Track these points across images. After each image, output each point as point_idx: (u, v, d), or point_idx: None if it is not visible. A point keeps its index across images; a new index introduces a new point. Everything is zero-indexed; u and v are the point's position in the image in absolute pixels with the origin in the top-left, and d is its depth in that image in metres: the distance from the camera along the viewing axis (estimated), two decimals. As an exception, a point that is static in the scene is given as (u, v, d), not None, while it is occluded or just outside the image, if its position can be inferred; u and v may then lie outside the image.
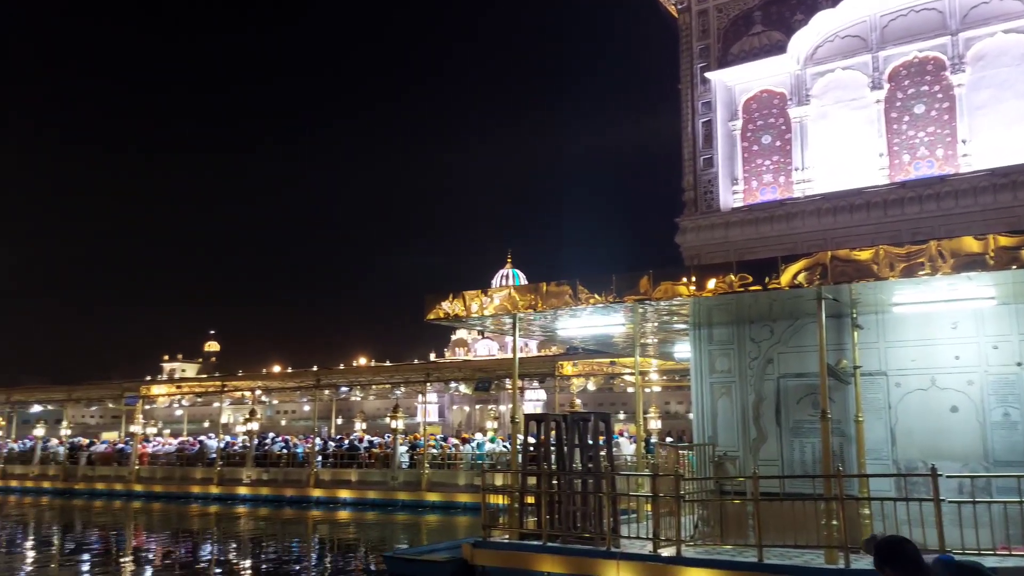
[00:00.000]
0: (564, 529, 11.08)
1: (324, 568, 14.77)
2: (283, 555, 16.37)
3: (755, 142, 13.40)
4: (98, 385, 37.05)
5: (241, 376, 38.12)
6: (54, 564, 15.50)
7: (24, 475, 32.61)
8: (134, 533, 20.33)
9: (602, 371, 25.74)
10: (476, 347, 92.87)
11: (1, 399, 37.36)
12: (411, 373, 30.60)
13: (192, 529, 20.86)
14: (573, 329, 13.79)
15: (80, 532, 20.70)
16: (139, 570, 14.76)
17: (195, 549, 17.27)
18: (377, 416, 65.01)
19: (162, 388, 34.64)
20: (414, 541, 18.05)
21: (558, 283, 11.29)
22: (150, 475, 29.42)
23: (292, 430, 55.10)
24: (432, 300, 12.66)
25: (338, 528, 20.50)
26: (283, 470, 27.12)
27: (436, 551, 12.85)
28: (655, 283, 10.41)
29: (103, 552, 17.16)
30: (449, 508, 22.21)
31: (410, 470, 24.91)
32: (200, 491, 27.02)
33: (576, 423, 11.65)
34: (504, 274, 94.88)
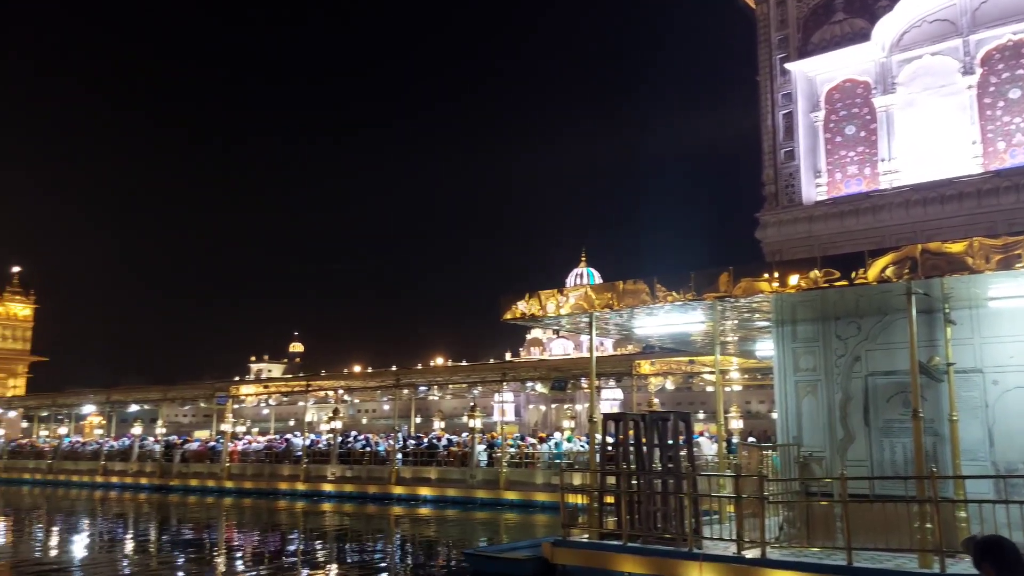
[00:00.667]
0: (644, 529, 11.01)
1: (407, 564, 15.05)
2: (368, 551, 16.76)
3: (838, 133, 13.01)
4: (191, 385, 38.65)
5: (324, 376, 39.20)
6: (153, 558, 16.27)
7: (123, 472, 34.28)
8: (226, 528, 21.15)
9: (680, 370, 25.41)
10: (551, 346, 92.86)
11: (101, 399, 39.39)
12: (487, 373, 30.89)
13: (281, 524, 21.56)
14: (650, 327, 13.67)
15: (176, 527, 21.66)
16: (232, 564, 15.35)
17: (284, 544, 17.85)
18: (454, 415, 65.81)
19: (250, 388, 35.89)
20: (493, 539, 18.20)
21: (635, 281, 11.22)
22: (240, 472, 30.52)
23: (373, 428, 56.27)
24: (508, 300, 12.76)
25: (419, 525, 20.85)
26: (366, 467, 27.73)
27: (517, 549, 12.94)
28: (735, 280, 10.23)
29: (198, 546, 17.92)
30: (527, 507, 22.32)
31: (488, 468, 25.12)
32: (288, 487, 27.88)
33: (655, 422, 11.55)
34: (578, 272, 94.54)
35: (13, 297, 58.78)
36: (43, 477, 36.72)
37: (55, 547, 18.04)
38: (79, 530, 21.07)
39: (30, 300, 59.59)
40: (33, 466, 38.58)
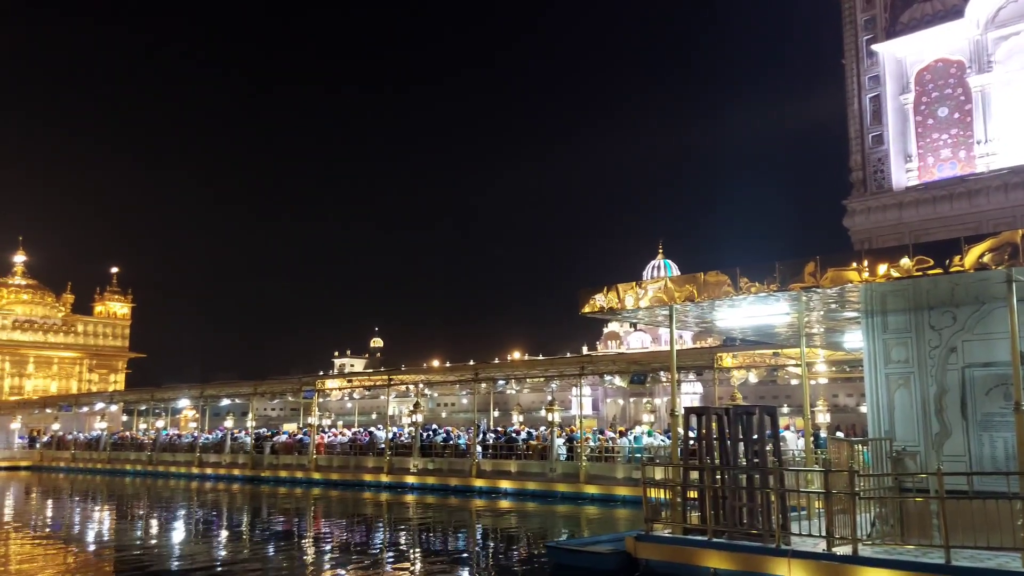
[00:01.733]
0: (730, 525, 10.86)
1: (489, 556, 15.24)
2: (451, 542, 17.04)
3: (930, 115, 12.49)
4: (279, 380, 39.95)
5: (405, 371, 39.94)
6: (246, 545, 16.95)
7: (217, 463, 35.77)
8: (315, 518, 21.83)
9: (764, 363, 24.85)
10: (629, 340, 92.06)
11: (195, 394, 41.17)
12: (565, 367, 30.90)
13: (367, 515, 22.12)
14: (732, 320, 13.44)
15: (268, 517, 22.48)
16: (320, 553, 15.85)
17: (370, 534, 18.32)
18: (532, 408, 66.07)
19: (334, 382, 36.90)
20: (574, 532, 18.24)
21: (716, 272, 11.05)
22: (327, 464, 31.45)
23: (452, 422, 57.06)
24: (586, 294, 12.74)
25: (500, 517, 21.06)
26: (447, 460, 28.18)
27: (599, 543, 12.95)
28: (822, 269, 9.96)
29: (289, 536, 18.56)
30: (608, 501, 22.26)
31: (568, 462, 25.17)
32: (372, 479, 28.58)
33: (739, 416, 11.37)
34: (656, 265, 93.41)
35: (112, 297, 61.95)
36: (143, 468, 38.65)
37: (156, 535, 18.99)
38: (178, 519, 22.11)
39: (128, 299, 62.70)
40: (134, 457, 40.66)
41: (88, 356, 59.63)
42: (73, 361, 59.13)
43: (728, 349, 25.30)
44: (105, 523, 21.41)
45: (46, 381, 57.50)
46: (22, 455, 47.50)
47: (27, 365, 56.86)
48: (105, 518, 22.56)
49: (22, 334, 56.66)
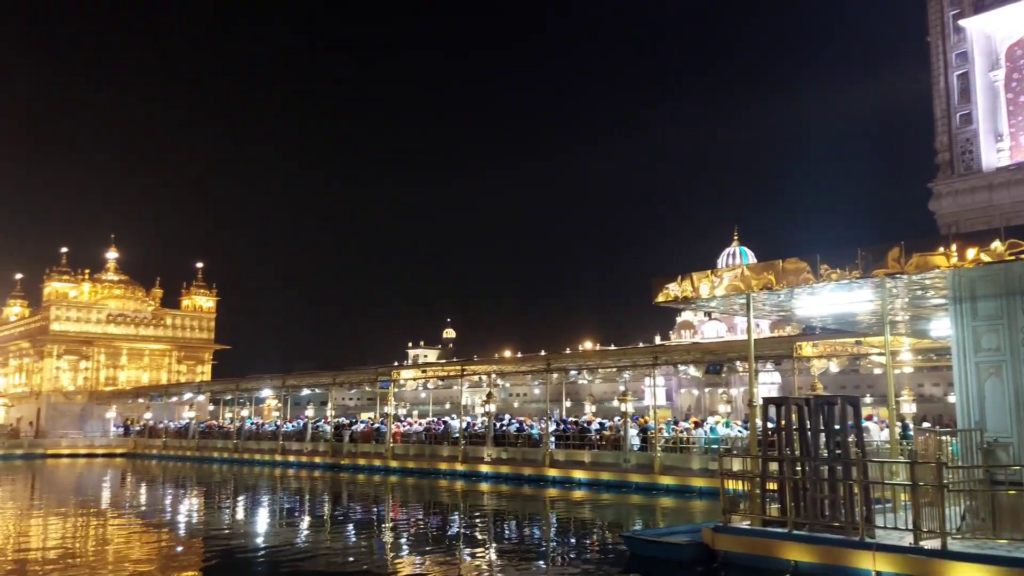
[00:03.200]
0: (811, 517, 10.64)
1: (564, 545, 15.32)
2: (525, 530, 17.19)
3: (1022, 92, 11.89)
4: (356, 371, 40.90)
5: (477, 361, 40.36)
6: (328, 532, 17.47)
7: (299, 451, 36.89)
8: (392, 505, 22.33)
9: (846, 351, 24.13)
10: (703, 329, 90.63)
11: (277, 384, 42.50)
12: (638, 356, 30.66)
13: (442, 503, 22.49)
14: (812, 308, 13.12)
15: (347, 503, 23.10)
16: (398, 539, 16.22)
17: (446, 522, 18.64)
18: (605, 399, 65.76)
19: (409, 373, 37.56)
20: (650, 523, 18.15)
21: (795, 259, 10.80)
22: (403, 452, 32.07)
23: (525, 412, 57.32)
24: (659, 283, 12.63)
25: (575, 507, 21.11)
26: (520, 450, 28.38)
27: (675, 534, 12.86)
28: (907, 255, 9.63)
29: (368, 522, 19.05)
30: (683, 492, 22.05)
31: (642, 453, 25.02)
32: (447, 468, 29.02)
33: (820, 407, 11.10)
34: (731, 252, 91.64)
35: (198, 291, 64.40)
36: (229, 455, 40.16)
37: (243, 520, 19.75)
38: (263, 505, 22.93)
39: (213, 293, 65.08)
40: (221, 445, 42.30)
41: (176, 348, 62.22)
42: (163, 353, 61.79)
43: (808, 338, 24.67)
44: (195, 508, 22.38)
45: (138, 372, 60.28)
46: (117, 442, 50.01)
47: (120, 357, 59.71)
48: (195, 504, 23.57)
49: (116, 328, 59.51)
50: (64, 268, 59.53)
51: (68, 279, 59.23)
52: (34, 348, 58.57)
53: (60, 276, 58.97)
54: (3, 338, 65.18)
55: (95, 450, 48.64)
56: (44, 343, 56.93)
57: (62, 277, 59.02)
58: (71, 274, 59.62)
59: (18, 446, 48.74)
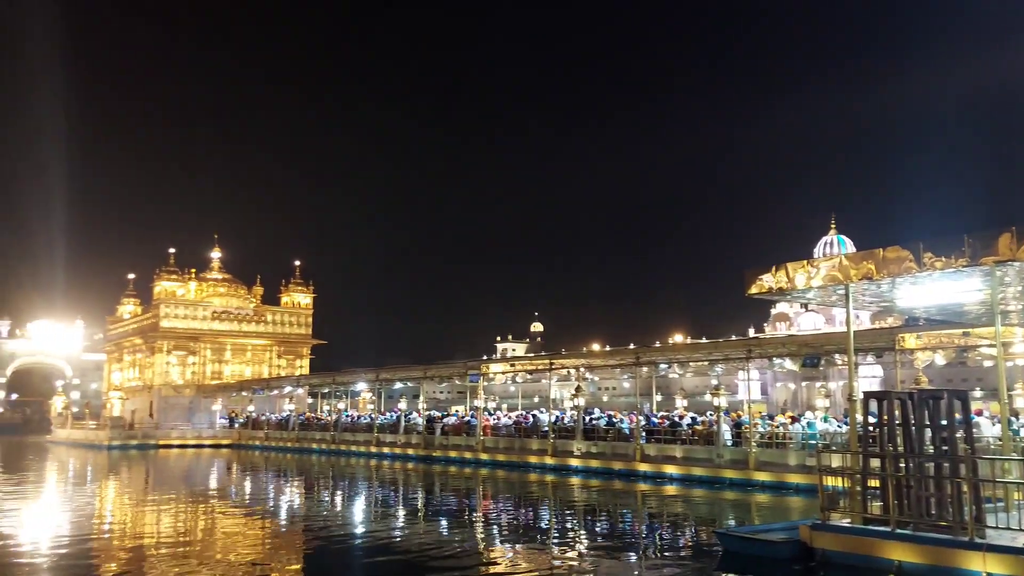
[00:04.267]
0: (916, 516, 10.21)
1: (656, 540, 15.19)
2: (616, 525, 17.13)
3: None
4: (446, 364, 41.53)
5: (565, 355, 40.32)
6: (422, 522, 17.86)
7: (393, 443, 37.81)
8: (484, 497, 22.62)
9: (952, 343, 22.95)
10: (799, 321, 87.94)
11: (371, 377, 43.62)
12: (730, 350, 29.99)
13: (533, 496, 22.64)
14: (915, 298, 12.55)
15: (440, 495, 23.54)
16: (489, 531, 16.43)
17: (536, 515, 18.76)
18: (696, 393, 64.69)
19: (498, 367, 37.90)
20: (744, 520, 17.81)
21: (897, 247, 10.36)
22: (493, 445, 32.42)
23: (614, 406, 56.97)
24: (752, 274, 12.33)
25: (666, 502, 20.88)
26: (610, 444, 28.24)
27: (771, 531, 12.57)
28: (1019, 240, 9.10)
29: (461, 513, 19.37)
30: (779, 488, 21.50)
31: (735, 448, 24.51)
32: (536, 461, 29.17)
33: (925, 401, 10.63)
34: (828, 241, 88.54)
35: (296, 288, 66.71)
36: (327, 447, 41.52)
37: (341, 510, 20.41)
38: (360, 495, 23.64)
39: (309, 290, 67.29)
40: (319, 437, 43.77)
41: (276, 343, 64.68)
42: (264, 348, 64.34)
43: (911, 329, 23.59)
44: (295, 498, 23.27)
45: (241, 366, 62.97)
46: (223, 434, 52.45)
47: (225, 352, 62.51)
48: (295, 494, 24.50)
49: (220, 324, 62.35)
50: (172, 268, 62.73)
51: (176, 278, 62.39)
52: (146, 344, 61.98)
53: (168, 275, 62.16)
54: (118, 335, 69.26)
55: (203, 441, 51.19)
56: (155, 339, 60.17)
57: (170, 276, 62.21)
58: (179, 273, 62.77)
59: (133, 437, 51.79)
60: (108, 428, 52.32)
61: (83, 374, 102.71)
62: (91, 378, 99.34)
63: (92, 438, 53.14)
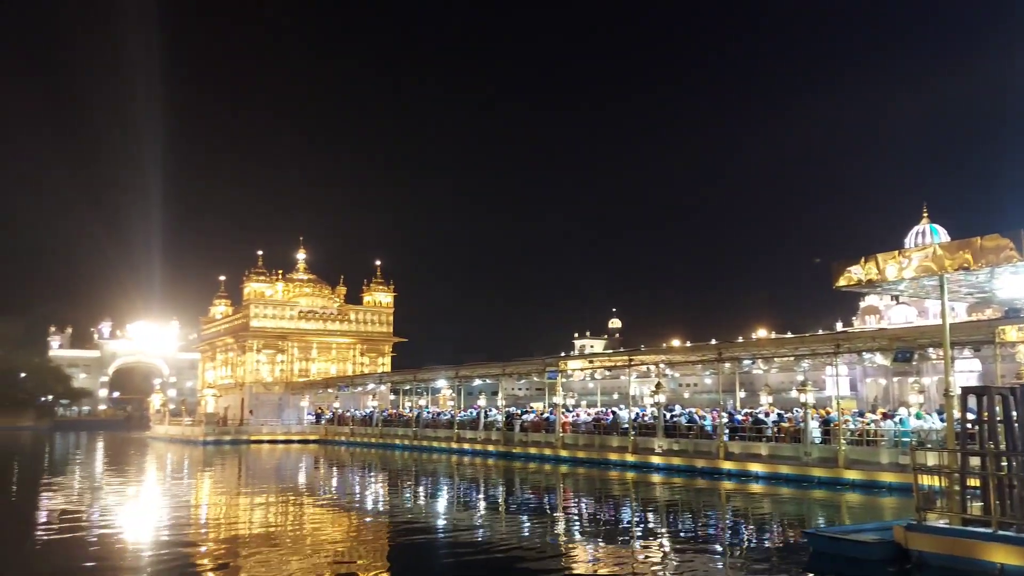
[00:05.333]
0: (1019, 516, 9.71)
1: (741, 539, 14.89)
2: (700, 523, 16.87)
3: None
4: (524, 361, 41.76)
5: (645, 351, 39.88)
6: (502, 518, 17.99)
7: (473, 439, 38.20)
8: (564, 494, 22.62)
9: (1058, 336, 21.65)
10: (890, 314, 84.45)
11: (451, 374, 44.19)
12: (817, 344, 29.12)
13: (614, 494, 22.51)
14: (1016, 288, 11.92)
15: (520, 491, 23.66)
16: (571, 527, 16.42)
17: (618, 512, 18.65)
18: (782, 389, 62.88)
19: (576, 363, 37.87)
20: (834, 519, 17.29)
21: (995, 236, 9.86)
22: (573, 442, 32.38)
23: (695, 403, 56.08)
24: (840, 266, 11.95)
25: (752, 501, 20.44)
26: (692, 441, 27.82)
27: (863, 531, 12.17)
28: None
29: (542, 509, 19.43)
30: (870, 487, 20.78)
31: (824, 446, 23.80)
32: (617, 458, 28.98)
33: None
34: (919, 231, 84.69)
35: (377, 287, 68.23)
36: (409, 443, 42.28)
37: (424, 505, 20.75)
38: (442, 490, 23.98)
39: (390, 289, 68.72)
40: (401, 433, 44.61)
41: (359, 341, 66.28)
42: (348, 346, 66.02)
43: (1012, 321, 22.36)
44: (380, 492, 23.79)
45: (327, 364, 64.79)
46: (310, 430, 54.09)
47: (311, 350, 64.45)
48: (380, 488, 25.06)
49: (306, 323, 64.32)
50: (261, 269, 65.02)
51: (264, 279, 64.63)
52: (237, 343, 64.41)
53: (257, 277, 64.45)
54: (211, 334, 72.21)
55: (291, 437, 52.90)
56: (246, 338, 62.46)
57: (259, 278, 64.49)
58: (267, 275, 65.01)
59: (226, 432, 53.97)
60: (203, 424, 54.67)
61: (179, 372, 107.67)
62: (186, 376, 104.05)
63: (188, 434, 55.60)
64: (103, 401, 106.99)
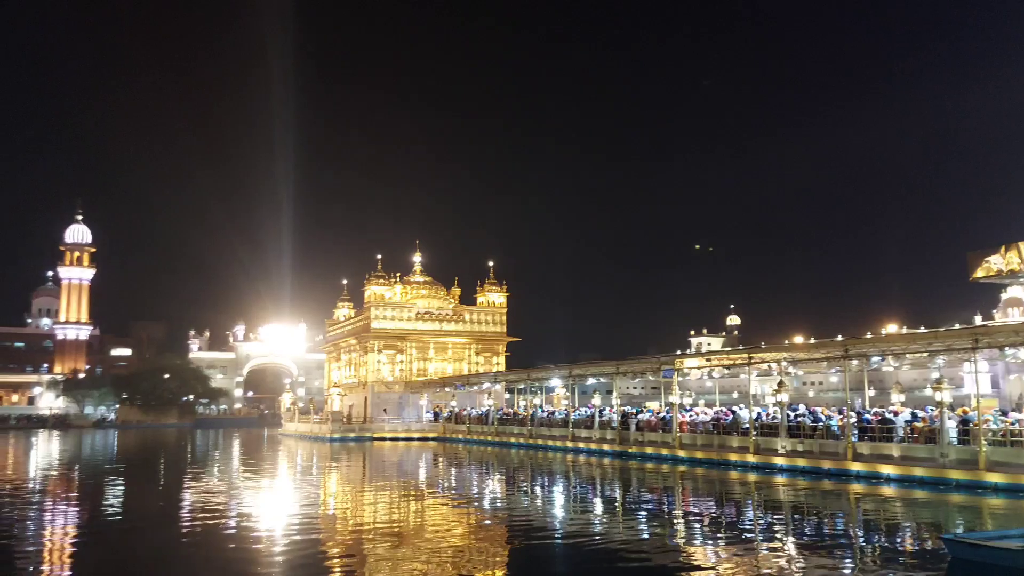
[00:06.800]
0: None
1: (873, 544, 14.25)
2: (827, 527, 16.26)
3: None
4: (639, 360, 41.30)
5: (765, 348, 38.63)
6: (620, 518, 17.93)
7: (588, 438, 38.16)
8: (683, 495, 22.28)
9: None
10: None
11: (564, 373, 44.31)
12: (953, 339, 27.37)
13: (735, 495, 21.99)
14: None
15: (639, 491, 23.47)
16: (692, 529, 16.18)
17: (740, 514, 18.22)
18: (914, 387, 59.61)
19: (693, 361, 37.11)
20: (974, 525, 16.27)
21: None
22: (691, 442, 31.82)
23: (820, 401, 53.88)
24: (977, 256, 11.31)
25: (883, 504, 19.50)
26: (817, 442, 26.79)
27: (1007, 537, 11.44)
28: None
29: (661, 511, 19.24)
30: (1015, 491, 19.47)
31: (962, 447, 22.43)
32: (737, 459, 28.26)
33: None
34: (1069, 216, 78.01)
35: (491, 288, 69.33)
36: (524, 441, 42.69)
37: (541, 503, 20.94)
38: (559, 489, 24.11)
39: (503, 289, 69.67)
40: (516, 431, 45.11)
41: (474, 341, 67.52)
42: (463, 346, 67.40)
43: None
44: (498, 490, 24.16)
45: (443, 364, 66.40)
46: (429, 427, 55.57)
47: (428, 350, 66.22)
48: (497, 486, 25.45)
49: (423, 324, 66.15)
50: (380, 273, 67.34)
51: (383, 282, 66.89)
52: (359, 344, 66.92)
53: (377, 280, 66.79)
54: (335, 336, 75.35)
55: (411, 434, 54.52)
56: (367, 339, 64.82)
57: (379, 281, 66.80)
58: (386, 278, 67.26)
59: (351, 430, 56.27)
60: (330, 422, 57.18)
61: (307, 372, 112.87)
62: (314, 376, 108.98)
63: (316, 431, 58.29)
64: (239, 400, 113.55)
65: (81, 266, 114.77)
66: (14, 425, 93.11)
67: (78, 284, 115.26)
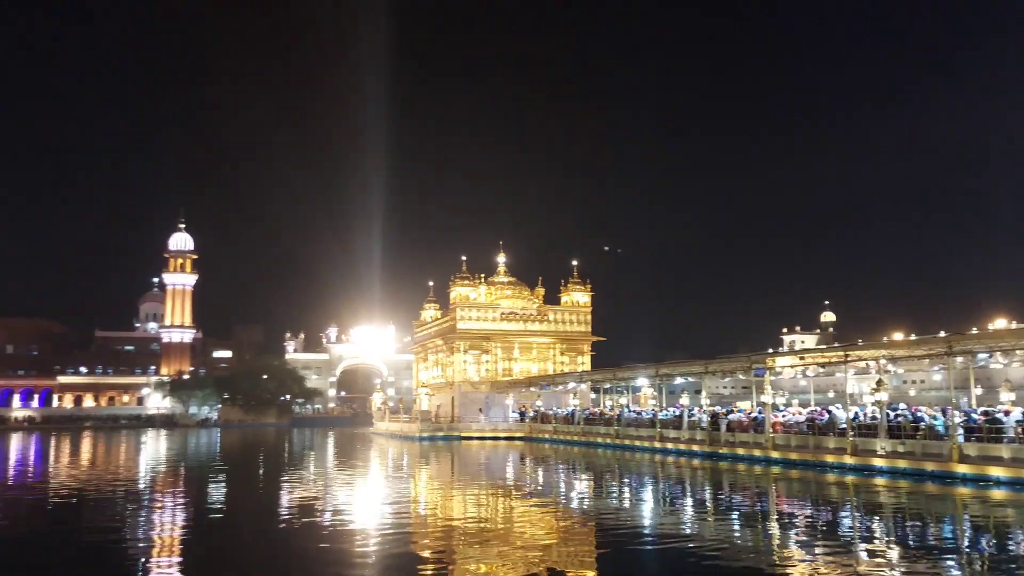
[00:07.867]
0: None
1: (983, 550, 13.54)
2: (932, 531, 15.55)
3: None
4: (729, 359, 40.45)
5: (862, 345, 37.19)
6: (712, 521, 17.60)
7: (676, 439, 37.58)
8: (778, 497, 21.70)
9: None
10: None
11: (651, 373, 43.75)
12: (1071, 335, 25.70)
13: (833, 497, 21.28)
14: None
15: (730, 493, 22.98)
16: (788, 533, 15.74)
17: (838, 518, 17.61)
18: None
19: (785, 360, 36.03)
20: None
21: None
22: (784, 443, 30.91)
23: (922, 400, 51.47)
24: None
25: (992, 509, 18.49)
26: (919, 443, 25.61)
27: None
28: None
29: (755, 513, 18.79)
30: None
31: (1083, 449, 20.98)
32: (834, 460, 27.30)
33: None
34: None
35: (575, 287, 69.10)
36: (611, 441, 42.38)
37: (629, 505, 20.78)
38: (648, 491, 23.86)
39: (587, 289, 69.33)
40: (603, 431, 44.84)
41: (558, 341, 67.46)
42: (548, 346, 67.43)
43: None
44: (586, 491, 24.09)
45: (528, 364, 66.60)
46: (516, 427, 55.86)
47: (513, 350, 66.55)
48: (584, 487, 25.38)
49: (508, 324, 66.54)
50: (465, 274, 68.09)
51: (468, 283, 67.62)
52: (446, 344, 67.87)
53: (462, 281, 67.57)
54: (423, 337, 76.66)
55: (498, 434, 54.92)
56: (453, 340, 65.67)
57: (464, 282, 67.57)
58: (470, 279, 67.96)
59: (439, 429, 57.13)
60: (418, 421, 58.23)
61: (396, 372, 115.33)
62: (403, 376, 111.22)
63: (405, 430, 59.46)
64: (332, 400, 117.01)
65: (184, 272, 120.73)
66: (125, 424, 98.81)
67: (182, 290, 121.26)
